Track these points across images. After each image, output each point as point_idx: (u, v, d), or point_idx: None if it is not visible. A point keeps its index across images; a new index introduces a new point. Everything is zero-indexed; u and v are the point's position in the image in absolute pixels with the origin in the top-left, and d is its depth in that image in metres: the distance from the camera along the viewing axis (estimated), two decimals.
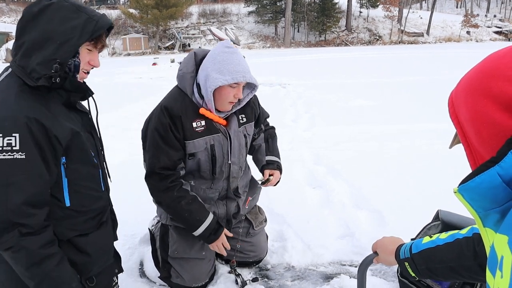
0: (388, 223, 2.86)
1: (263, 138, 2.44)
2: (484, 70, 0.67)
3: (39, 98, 1.30)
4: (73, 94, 1.40)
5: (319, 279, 2.34)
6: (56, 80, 1.28)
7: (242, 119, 2.16)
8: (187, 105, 2.00)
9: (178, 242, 2.20)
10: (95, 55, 1.42)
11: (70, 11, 1.29)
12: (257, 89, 2.12)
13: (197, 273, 2.22)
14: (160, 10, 35.16)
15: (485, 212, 0.65)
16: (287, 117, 6.63)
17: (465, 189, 0.65)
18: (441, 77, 10.81)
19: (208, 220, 2.04)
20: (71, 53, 1.30)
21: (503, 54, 0.65)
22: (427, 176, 3.69)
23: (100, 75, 13.44)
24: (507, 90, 0.61)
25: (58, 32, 1.27)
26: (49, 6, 1.28)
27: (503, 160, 0.59)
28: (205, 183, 2.12)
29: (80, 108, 1.51)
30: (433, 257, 1.14)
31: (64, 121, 1.34)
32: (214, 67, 1.92)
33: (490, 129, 0.64)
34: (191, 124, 1.98)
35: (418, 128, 5.60)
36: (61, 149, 1.32)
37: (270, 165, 2.32)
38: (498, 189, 0.61)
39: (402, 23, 40.62)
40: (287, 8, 38.18)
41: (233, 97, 1.97)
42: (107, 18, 1.39)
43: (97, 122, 1.59)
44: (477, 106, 0.65)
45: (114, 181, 1.78)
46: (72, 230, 1.44)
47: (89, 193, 1.47)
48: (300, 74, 13.64)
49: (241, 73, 1.92)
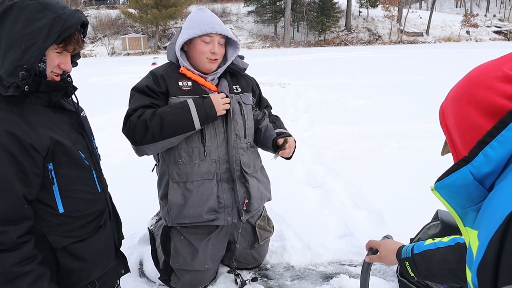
0: (388, 223, 2.86)
1: (269, 120, 2.30)
2: (469, 80, 0.74)
3: (13, 106, 1.22)
4: (54, 94, 1.33)
5: (319, 279, 2.34)
6: (24, 88, 1.18)
7: (237, 89, 2.09)
8: (172, 68, 2.01)
9: (180, 255, 2.12)
10: (66, 58, 1.30)
11: (35, 11, 1.19)
12: (239, 47, 2.08)
13: (198, 282, 2.21)
14: (159, 10, 35.17)
15: (463, 210, 0.71)
16: (287, 117, 6.63)
17: (441, 186, 0.71)
18: (441, 77, 10.81)
19: (191, 105, 1.85)
20: (37, 58, 1.19)
21: (486, 65, 0.73)
22: (426, 176, 3.67)
23: (100, 75, 13.43)
24: (486, 96, 0.68)
25: (22, 35, 1.17)
26: (12, 7, 1.19)
27: (474, 159, 0.65)
28: (197, 155, 1.96)
29: (68, 107, 1.43)
30: (434, 259, 1.17)
31: (42, 128, 1.25)
32: (185, 25, 1.96)
33: (472, 133, 0.69)
34: (176, 82, 1.95)
35: (417, 128, 5.60)
36: (40, 157, 1.24)
37: (281, 135, 2.12)
38: (471, 187, 0.67)
39: (402, 23, 40.64)
40: (286, 8, 38.19)
41: (209, 52, 1.93)
42: (79, 15, 1.26)
43: (85, 121, 1.52)
44: (461, 111, 0.72)
45: (113, 181, 1.77)
46: (67, 237, 1.38)
47: (84, 197, 1.40)
48: (300, 74, 13.64)
49: (210, 25, 1.90)
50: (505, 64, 0.69)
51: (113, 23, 40.09)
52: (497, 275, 0.57)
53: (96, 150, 1.55)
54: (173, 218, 2.03)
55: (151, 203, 2.20)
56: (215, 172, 1.99)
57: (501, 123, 0.64)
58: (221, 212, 2.03)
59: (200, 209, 1.98)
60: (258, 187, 2.13)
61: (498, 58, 0.72)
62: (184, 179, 1.98)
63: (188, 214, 1.99)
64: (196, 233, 2.11)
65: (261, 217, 2.35)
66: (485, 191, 0.67)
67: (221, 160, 2.00)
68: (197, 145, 1.95)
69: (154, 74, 1.98)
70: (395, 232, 2.59)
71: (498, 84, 0.67)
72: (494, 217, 0.59)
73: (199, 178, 1.98)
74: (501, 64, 0.70)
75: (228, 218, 2.06)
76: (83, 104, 1.55)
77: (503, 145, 0.63)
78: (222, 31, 1.93)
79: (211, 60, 1.96)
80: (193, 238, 2.11)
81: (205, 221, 2.02)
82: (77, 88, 1.44)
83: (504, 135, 0.63)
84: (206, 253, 2.14)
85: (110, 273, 1.59)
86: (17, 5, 1.19)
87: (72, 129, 1.40)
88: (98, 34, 39.48)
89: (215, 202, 2.00)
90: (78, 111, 1.46)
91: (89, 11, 43.62)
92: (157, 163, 2.15)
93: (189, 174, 1.97)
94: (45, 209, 1.32)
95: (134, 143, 1.88)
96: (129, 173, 4.02)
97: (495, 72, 0.69)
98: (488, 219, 0.61)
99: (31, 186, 1.24)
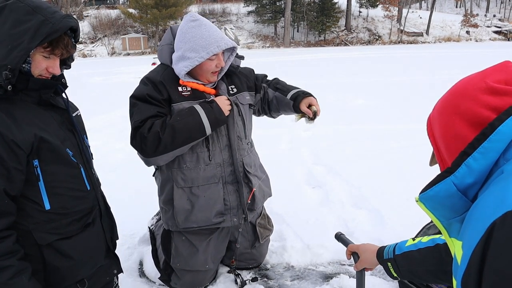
0: (387, 223, 2.86)
1: (272, 90, 2.26)
2: (455, 91, 0.76)
3: (0, 103, 1.24)
4: (43, 92, 1.34)
5: (319, 279, 2.34)
6: (7, 88, 1.20)
7: (232, 90, 2.07)
8: (170, 73, 1.94)
9: (181, 255, 2.12)
10: (54, 62, 1.31)
11: (24, 13, 1.22)
12: (236, 49, 2.04)
13: (198, 282, 2.21)
14: (159, 10, 35.16)
15: (448, 221, 0.72)
16: (287, 117, 6.63)
17: (425, 197, 0.73)
18: (441, 77, 10.80)
19: (200, 111, 1.84)
20: (21, 58, 1.21)
21: (472, 77, 0.75)
22: (426, 176, 3.66)
23: (100, 75, 13.43)
24: (471, 107, 0.70)
25: (8, 35, 1.20)
26: (3, 9, 1.22)
27: (457, 170, 0.67)
28: (202, 160, 1.96)
29: (60, 105, 1.44)
30: (414, 260, 1.18)
31: (26, 125, 1.27)
32: (186, 46, 1.86)
33: (457, 143, 0.71)
34: (176, 88, 1.91)
35: (417, 127, 5.58)
36: (23, 154, 1.25)
37: (299, 97, 2.10)
38: (454, 198, 0.68)
39: (402, 23, 40.63)
40: (286, 8, 38.18)
41: (215, 67, 1.91)
42: (68, 20, 1.27)
43: (77, 119, 1.52)
44: (447, 122, 0.74)
45: (113, 181, 1.76)
46: (53, 234, 1.38)
47: (71, 194, 1.41)
48: (300, 74, 13.63)
49: (215, 44, 1.84)
50: (489, 76, 0.71)
51: (113, 23, 40.06)
52: (480, 284, 0.58)
53: (87, 149, 1.55)
54: (179, 223, 2.02)
55: (151, 203, 2.20)
56: (220, 175, 2.00)
57: (482, 134, 0.66)
58: (227, 214, 2.05)
59: (208, 213, 1.99)
60: (259, 185, 2.15)
61: (483, 70, 0.75)
62: (190, 184, 1.98)
63: (196, 218, 2.00)
64: (197, 234, 2.11)
65: (261, 215, 2.36)
66: (469, 202, 0.68)
67: (225, 163, 2.00)
68: (201, 150, 1.95)
69: (151, 81, 1.91)
70: (395, 232, 2.60)
71: (482, 96, 0.69)
72: (476, 227, 0.60)
73: (205, 183, 1.98)
74: (485, 76, 0.72)
75: (234, 219, 2.07)
76: (83, 104, 1.56)
77: (485, 156, 0.65)
78: (226, 45, 1.89)
79: (215, 73, 1.95)
80: (194, 238, 2.11)
81: (213, 224, 2.03)
82: (67, 86, 1.45)
83: (485, 147, 0.65)
84: (207, 253, 2.14)
85: (101, 272, 1.58)
86: (8, 6, 1.23)
87: (62, 126, 1.42)
88: (98, 34, 39.46)
89: (222, 205, 2.02)
90: (68, 109, 1.47)
91: (89, 11, 43.63)
92: (157, 167, 2.12)
93: (195, 179, 1.97)
94: (31, 206, 1.33)
95: (146, 156, 1.85)
96: (129, 173, 4.01)
97: (480, 84, 0.71)
98: (471, 230, 0.62)
99: (12, 181, 1.25)
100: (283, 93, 2.19)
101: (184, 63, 1.86)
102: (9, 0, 1.24)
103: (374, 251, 1.30)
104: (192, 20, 1.89)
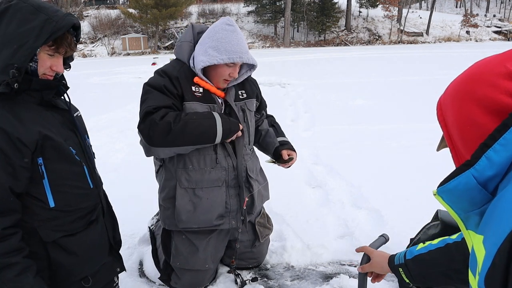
0: (387, 223, 2.86)
1: (268, 123, 2.37)
2: (470, 76, 0.71)
3: (4, 102, 1.27)
4: (45, 92, 1.36)
5: (319, 279, 2.34)
6: (14, 86, 1.23)
7: (242, 95, 2.10)
8: (185, 70, 1.95)
9: (181, 254, 2.13)
10: (58, 60, 1.35)
11: (28, 13, 1.25)
12: (255, 68, 2.08)
13: (198, 282, 2.21)
14: (159, 10, 35.12)
15: (466, 214, 0.69)
16: (287, 117, 6.64)
17: (443, 191, 0.69)
18: (440, 77, 10.80)
19: (218, 118, 1.86)
20: (28, 57, 1.24)
21: (488, 61, 0.69)
22: (426, 176, 3.68)
23: (100, 75, 13.43)
24: (489, 94, 0.65)
25: (15, 35, 1.23)
26: (7, 9, 1.25)
27: (477, 163, 0.63)
28: (208, 162, 1.98)
29: (61, 106, 1.46)
30: (426, 262, 1.17)
31: (31, 123, 1.29)
32: (212, 43, 1.88)
33: (473, 131, 0.67)
34: (190, 87, 1.92)
35: (417, 127, 5.60)
36: (28, 151, 1.27)
37: (285, 146, 2.22)
38: (474, 191, 0.65)
39: (402, 23, 40.62)
40: (286, 8, 38.17)
41: (228, 75, 1.93)
42: (70, 18, 1.30)
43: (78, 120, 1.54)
44: (462, 109, 0.69)
45: (113, 181, 1.77)
46: (58, 231, 1.40)
47: (75, 192, 1.43)
48: (300, 74, 13.64)
49: (239, 54, 1.87)
50: (509, 60, 0.66)
51: (113, 23, 40.03)
52: (506, 282, 0.56)
53: (89, 148, 1.57)
54: (180, 223, 2.03)
55: (151, 203, 2.20)
56: (224, 179, 2.02)
57: (504, 125, 0.62)
58: (226, 217, 2.07)
59: (210, 215, 2.01)
60: (259, 191, 2.19)
61: (500, 53, 0.69)
62: (193, 185, 1.99)
63: (198, 220, 2.01)
64: (197, 233, 2.12)
65: (261, 214, 2.38)
66: (488, 195, 0.65)
67: (230, 168, 2.02)
68: (209, 153, 1.97)
69: (168, 75, 1.92)
70: (395, 232, 2.60)
71: (502, 81, 0.64)
72: (501, 224, 0.58)
73: (209, 185, 1.99)
74: (504, 60, 0.67)
75: (232, 222, 2.09)
76: (83, 104, 1.56)
77: (506, 148, 0.62)
78: (247, 60, 1.92)
79: (226, 81, 1.97)
80: (194, 238, 2.12)
81: (213, 226, 2.05)
82: (68, 87, 1.47)
83: (506, 138, 0.61)
84: (207, 252, 2.14)
85: (105, 270, 1.60)
86: (12, 7, 1.25)
87: (64, 126, 1.44)
88: (98, 34, 39.44)
89: (223, 208, 2.04)
90: (70, 110, 1.49)
91: (89, 11, 43.60)
92: (161, 163, 2.13)
93: (199, 181, 1.99)
94: (36, 203, 1.34)
95: (151, 143, 1.82)
96: (129, 173, 4.01)
97: (499, 69, 0.66)
98: (496, 226, 0.60)
99: (18, 179, 1.26)
100: (276, 133, 2.32)
101: (204, 58, 1.88)
102: (13, 1, 1.26)
103: (386, 257, 1.30)
104: (228, 24, 1.92)
